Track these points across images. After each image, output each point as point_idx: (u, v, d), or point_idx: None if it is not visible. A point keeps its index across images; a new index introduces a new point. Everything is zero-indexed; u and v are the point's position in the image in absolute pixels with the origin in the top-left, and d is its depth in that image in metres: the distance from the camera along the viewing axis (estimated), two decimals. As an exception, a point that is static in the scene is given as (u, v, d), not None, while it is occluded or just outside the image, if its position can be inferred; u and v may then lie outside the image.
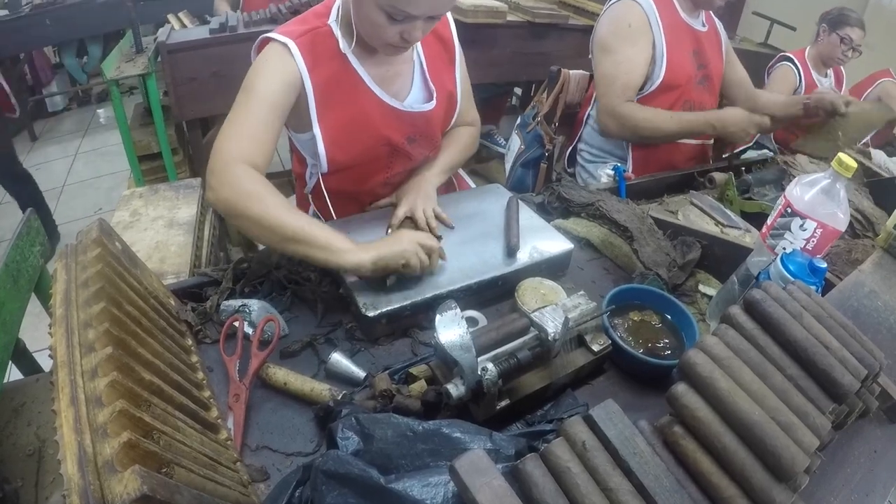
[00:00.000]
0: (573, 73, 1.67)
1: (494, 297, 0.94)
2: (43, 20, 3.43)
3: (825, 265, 0.74)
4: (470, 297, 0.89)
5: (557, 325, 0.71)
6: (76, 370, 0.51)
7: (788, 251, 0.78)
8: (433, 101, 1.08)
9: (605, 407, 0.51)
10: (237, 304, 0.87)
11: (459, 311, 0.69)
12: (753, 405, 0.50)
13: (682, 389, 0.53)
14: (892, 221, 0.95)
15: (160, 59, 2.02)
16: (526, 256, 0.95)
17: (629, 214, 1.10)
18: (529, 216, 1.07)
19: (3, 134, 2.68)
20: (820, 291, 0.73)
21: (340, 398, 0.71)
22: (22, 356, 0.89)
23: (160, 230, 1.41)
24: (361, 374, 0.77)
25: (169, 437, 0.50)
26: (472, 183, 1.39)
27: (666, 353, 0.82)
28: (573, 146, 1.72)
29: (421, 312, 0.87)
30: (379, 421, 0.58)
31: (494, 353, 0.69)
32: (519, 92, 3.66)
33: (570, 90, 1.68)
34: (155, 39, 2.27)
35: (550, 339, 0.70)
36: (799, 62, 2.33)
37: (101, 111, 4.29)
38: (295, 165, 1.22)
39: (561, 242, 1.00)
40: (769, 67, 2.44)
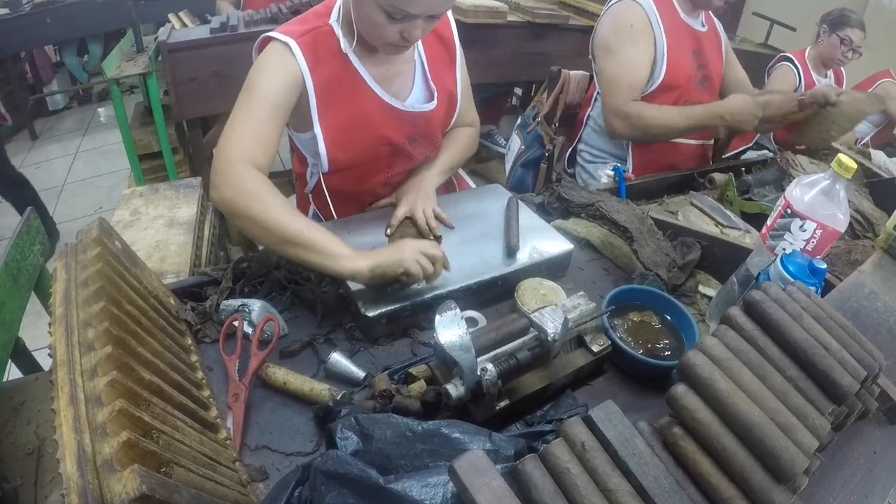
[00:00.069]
0: (573, 73, 1.67)
1: (494, 297, 0.94)
2: (44, 19, 3.44)
3: (825, 266, 0.74)
4: (470, 297, 0.89)
5: (557, 325, 0.71)
6: (75, 369, 0.51)
7: (788, 252, 0.78)
8: (434, 100, 1.08)
9: (604, 408, 0.51)
10: (237, 303, 0.87)
11: (459, 311, 0.69)
12: (753, 406, 0.50)
13: (681, 390, 0.53)
14: (891, 222, 0.95)
15: (161, 58, 2.02)
16: (526, 257, 0.95)
17: (629, 215, 1.10)
18: (529, 216, 1.07)
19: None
20: (819, 292, 0.73)
21: (340, 398, 0.71)
22: (21, 355, 0.89)
23: (160, 229, 1.41)
24: (361, 374, 0.78)
25: (168, 436, 0.50)
26: (472, 183, 1.39)
27: (665, 353, 0.82)
28: (573, 147, 1.71)
29: (421, 312, 0.87)
30: (378, 421, 0.58)
31: (494, 353, 0.69)
32: (519, 92, 3.66)
33: (570, 90, 1.68)
34: (155, 39, 2.27)
35: (550, 339, 0.70)
36: (799, 63, 2.33)
37: (101, 110, 4.29)
38: (295, 165, 1.22)
39: (561, 243, 1.00)
40: (769, 68, 2.44)
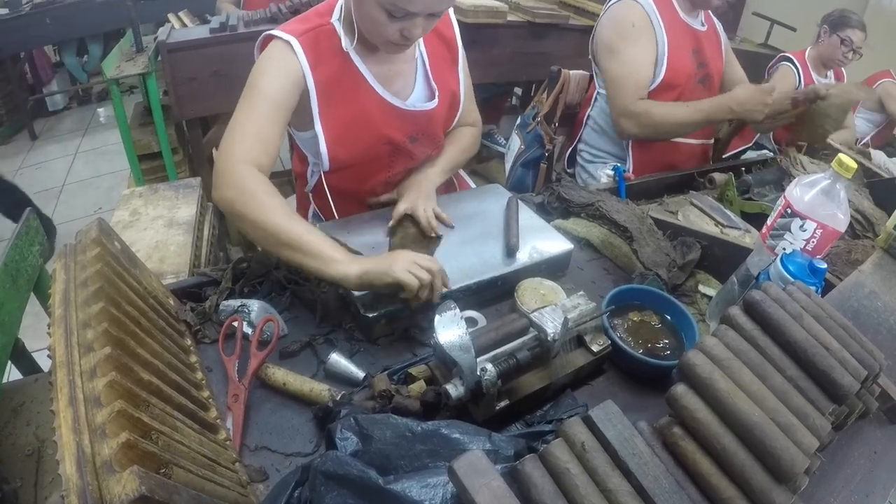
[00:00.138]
0: (573, 73, 1.67)
1: (494, 297, 0.93)
2: (43, 19, 3.44)
3: (825, 266, 0.74)
4: (469, 297, 0.89)
5: (557, 325, 0.70)
6: (75, 370, 0.51)
7: (788, 252, 0.78)
8: (435, 99, 1.08)
9: (604, 408, 0.51)
10: (236, 304, 0.87)
11: (459, 311, 0.69)
12: (753, 406, 0.50)
13: (681, 390, 0.53)
14: (892, 222, 0.95)
15: (160, 58, 2.02)
16: (525, 257, 0.95)
17: (629, 215, 1.10)
18: (529, 216, 1.07)
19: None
20: (820, 292, 0.73)
21: (339, 398, 0.71)
22: (21, 356, 0.89)
23: (160, 230, 1.41)
24: (360, 374, 0.77)
25: (167, 437, 0.50)
26: (472, 183, 1.39)
27: (665, 353, 0.82)
28: (573, 146, 1.71)
29: (420, 313, 0.87)
30: (378, 421, 0.58)
31: (494, 353, 0.69)
32: (519, 92, 3.66)
33: (570, 90, 1.68)
34: (155, 38, 2.27)
35: (550, 339, 0.70)
36: (799, 63, 2.32)
37: (101, 110, 4.29)
38: (295, 164, 1.22)
39: (561, 243, 1.00)
40: (769, 68, 2.44)
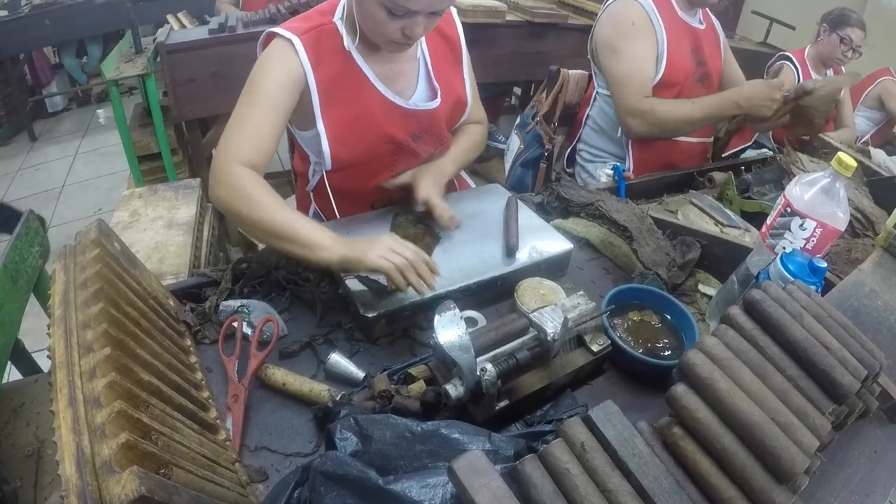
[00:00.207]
0: (572, 72, 1.67)
1: (494, 297, 0.93)
2: (42, 20, 3.43)
3: (825, 265, 0.74)
4: (469, 297, 0.89)
5: (557, 325, 0.70)
6: (74, 371, 0.51)
7: (788, 251, 0.78)
8: (437, 99, 1.08)
9: (604, 408, 0.51)
10: (236, 304, 0.87)
11: (458, 311, 0.69)
12: (753, 406, 0.50)
13: (681, 390, 0.53)
14: (892, 221, 0.95)
15: (159, 59, 2.02)
16: (525, 256, 0.95)
17: (629, 214, 1.10)
18: (529, 216, 1.07)
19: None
20: (820, 291, 0.73)
21: (339, 399, 0.71)
22: (21, 357, 0.89)
23: (159, 230, 1.41)
24: (360, 374, 0.77)
25: (167, 437, 0.50)
26: (472, 183, 1.39)
27: (665, 353, 0.82)
28: (572, 146, 1.71)
29: (420, 313, 0.87)
30: (377, 422, 0.58)
31: (493, 353, 0.69)
32: (518, 91, 3.66)
33: (569, 90, 1.68)
34: (154, 40, 2.27)
35: (550, 339, 0.70)
36: (798, 62, 2.32)
37: (100, 111, 4.29)
38: (297, 163, 1.22)
39: (560, 242, 1.00)
40: (768, 67, 2.44)
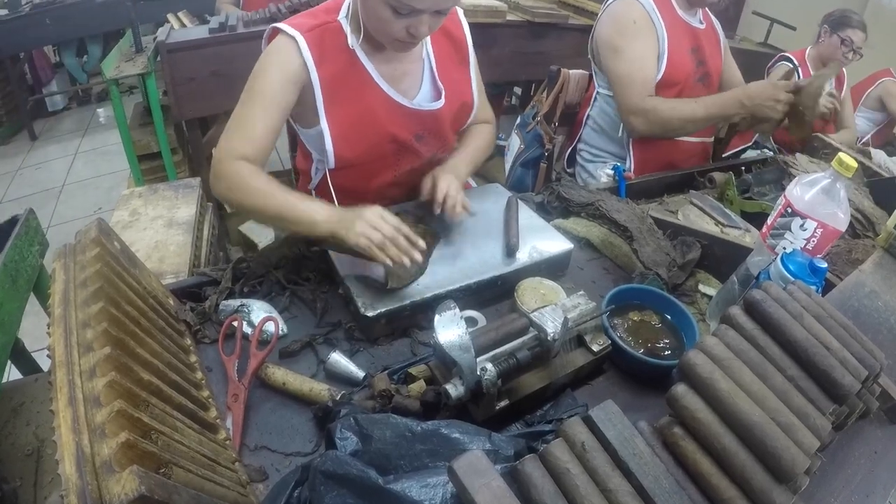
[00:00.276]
0: (573, 72, 1.67)
1: (494, 297, 0.93)
2: (43, 19, 3.43)
3: (825, 265, 0.74)
4: (469, 297, 0.89)
5: (557, 325, 0.70)
6: (74, 370, 0.51)
7: (789, 251, 0.78)
8: (441, 99, 1.08)
9: (604, 407, 0.51)
10: (236, 303, 0.87)
11: (458, 311, 0.69)
12: (753, 406, 0.50)
13: (681, 390, 0.53)
14: (892, 221, 0.95)
15: (159, 58, 2.02)
16: (525, 256, 0.95)
17: (629, 214, 1.10)
18: (529, 216, 1.07)
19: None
20: (820, 291, 0.73)
21: (339, 398, 0.71)
22: (21, 356, 0.89)
23: (159, 230, 1.41)
24: (360, 374, 0.77)
25: (167, 437, 0.50)
26: (472, 182, 1.39)
27: (666, 353, 0.82)
28: (573, 146, 1.71)
29: (420, 312, 0.87)
30: (377, 421, 0.58)
31: (493, 353, 0.69)
32: (518, 91, 3.66)
33: (569, 90, 1.68)
34: (154, 39, 2.27)
35: (550, 339, 0.70)
36: (798, 62, 2.32)
37: (100, 111, 4.29)
38: (299, 160, 1.22)
39: (560, 242, 1.00)
40: (769, 67, 2.44)
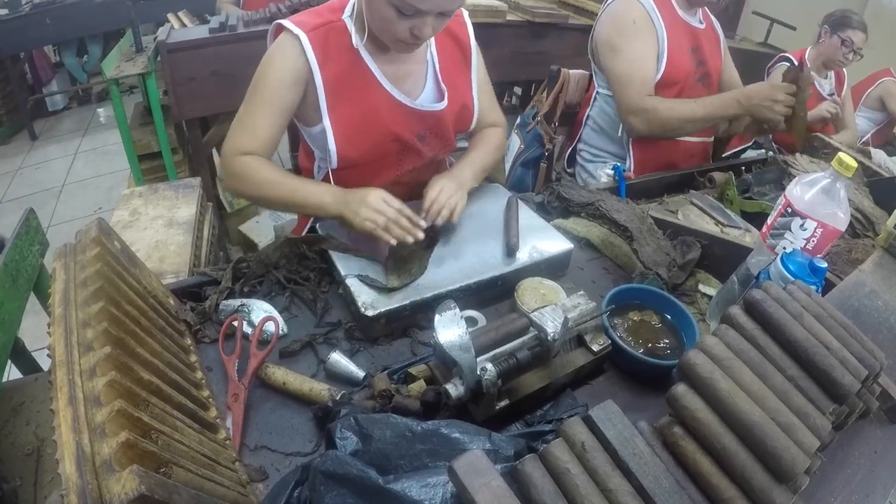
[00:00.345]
0: (573, 72, 1.67)
1: (494, 296, 0.93)
2: (43, 19, 3.44)
3: (825, 265, 0.74)
4: (469, 296, 0.89)
5: (557, 324, 0.70)
6: (74, 369, 0.51)
7: (788, 251, 0.78)
8: (444, 100, 1.08)
9: (604, 407, 0.51)
10: (236, 303, 0.87)
11: (458, 310, 0.69)
12: (753, 406, 0.50)
13: (681, 390, 0.53)
14: (892, 221, 0.95)
15: (160, 58, 2.02)
16: (525, 256, 0.95)
17: (629, 214, 1.10)
18: (529, 216, 1.07)
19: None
20: (820, 291, 0.73)
21: (339, 398, 0.71)
22: (21, 355, 0.89)
23: (160, 229, 1.41)
24: (360, 373, 0.77)
25: (167, 436, 0.50)
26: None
27: (666, 353, 0.82)
28: (573, 146, 1.71)
29: (420, 312, 0.87)
30: (378, 421, 0.58)
31: (494, 353, 0.69)
32: (518, 91, 3.66)
33: (569, 90, 1.68)
34: (155, 39, 2.27)
35: (550, 339, 0.70)
36: (798, 63, 2.32)
37: (101, 110, 4.29)
38: (301, 159, 1.22)
39: (561, 242, 1.00)
40: (769, 67, 2.44)
